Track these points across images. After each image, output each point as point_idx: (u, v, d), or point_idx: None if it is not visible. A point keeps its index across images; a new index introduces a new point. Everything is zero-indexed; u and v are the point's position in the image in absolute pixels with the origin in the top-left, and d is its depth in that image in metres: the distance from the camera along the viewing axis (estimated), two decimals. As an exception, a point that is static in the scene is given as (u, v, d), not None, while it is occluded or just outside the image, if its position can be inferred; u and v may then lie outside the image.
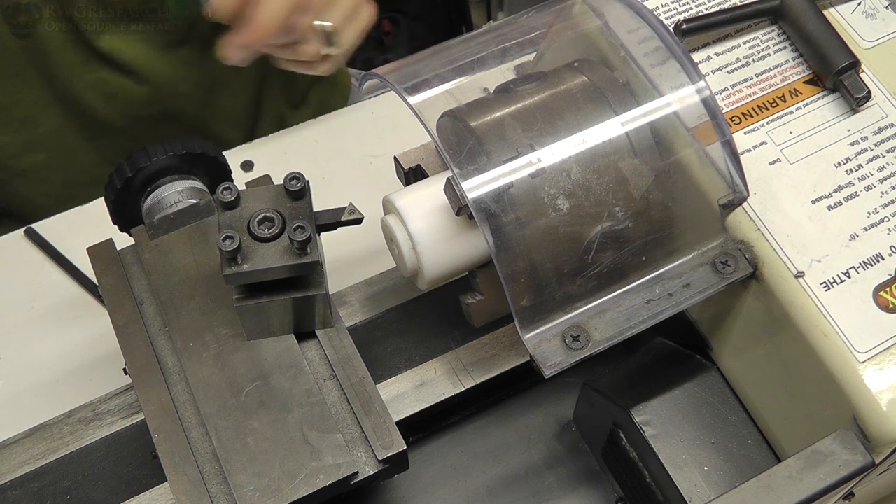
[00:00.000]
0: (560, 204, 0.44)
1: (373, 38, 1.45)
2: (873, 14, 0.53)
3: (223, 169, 0.57)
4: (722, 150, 0.46)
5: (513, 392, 0.60)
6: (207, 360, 0.49)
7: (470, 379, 0.53)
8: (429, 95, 0.46)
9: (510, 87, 0.48)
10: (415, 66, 0.50)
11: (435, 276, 0.46)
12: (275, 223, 0.47)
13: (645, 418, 0.52)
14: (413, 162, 0.52)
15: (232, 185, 0.47)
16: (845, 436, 0.45)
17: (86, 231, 0.61)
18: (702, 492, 0.50)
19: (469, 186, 0.43)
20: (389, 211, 0.47)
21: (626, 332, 0.45)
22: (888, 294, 0.46)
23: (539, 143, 0.44)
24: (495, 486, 0.58)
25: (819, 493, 0.44)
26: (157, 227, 0.53)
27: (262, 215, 0.47)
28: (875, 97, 0.50)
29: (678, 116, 0.46)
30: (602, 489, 0.58)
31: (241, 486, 0.45)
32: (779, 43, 0.52)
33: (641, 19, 0.47)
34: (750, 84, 0.51)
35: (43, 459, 0.52)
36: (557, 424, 0.60)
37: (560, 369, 0.44)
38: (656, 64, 0.47)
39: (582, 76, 0.47)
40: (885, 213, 0.47)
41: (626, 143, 0.45)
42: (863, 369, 0.44)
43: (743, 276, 0.47)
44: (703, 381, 0.53)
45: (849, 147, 0.49)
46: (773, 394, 0.50)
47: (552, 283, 0.45)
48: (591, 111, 0.46)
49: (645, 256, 0.46)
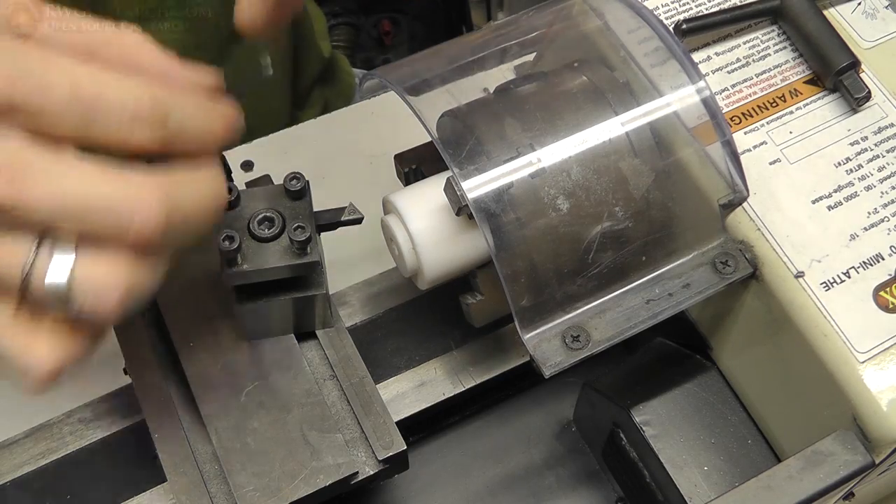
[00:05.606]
0: (560, 204, 0.44)
1: (373, 38, 1.45)
2: (873, 14, 0.53)
3: (223, 169, 0.57)
4: (722, 150, 0.46)
5: (513, 392, 0.60)
6: (207, 360, 0.49)
7: (470, 379, 0.53)
8: (429, 95, 0.46)
9: (510, 87, 0.48)
10: (415, 66, 0.50)
11: (435, 276, 0.46)
12: (275, 223, 0.47)
13: (645, 418, 0.52)
14: (413, 162, 0.52)
15: (232, 185, 0.47)
16: (845, 436, 0.45)
17: (86, 231, 0.61)
18: (702, 492, 0.50)
19: (469, 186, 0.43)
20: (389, 211, 0.47)
21: (626, 332, 0.45)
22: (888, 294, 0.46)
23: (539, 143, 0.44)
24: (495, 486, 0.58)
25: (819, 493, 0.44)
26: (157, 227, 0.53)
27: (262, 215, 0.47)
28: (875, 97, 0.50)
29: (678, 116, 0.46)
30: (602, 489, 0.58)
31: (240, 486, 0.45)
32: (779, 43, 0.53)
33: (641, 19, 0.47)
34: (750, 84, 0.51)
35: (43, 459, 0.52)
36: (557, 424, 0.60)
37: (560, 369, 0.44)
38: (656, 64, 0.47)
39: (582, 76, 0.47)
40: (885, 213, 0.47)
41: (626, 143, 0.45)
42: (863, 369, 0.44)
43: (743, 276, 0.47)
44: (703, 381, 0.53)
45: (849, 147, 0.49)
46: (773, 394, 0.50)
47: (552, 283, 0.45)
48: (591, 111, 0.46)
49: (645, 256, 0.46)
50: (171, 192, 0.34)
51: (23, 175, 0.32)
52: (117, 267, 0.33)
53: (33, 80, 0.32)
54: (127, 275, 0.34)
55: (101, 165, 0.33)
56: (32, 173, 0.32)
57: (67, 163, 0.33)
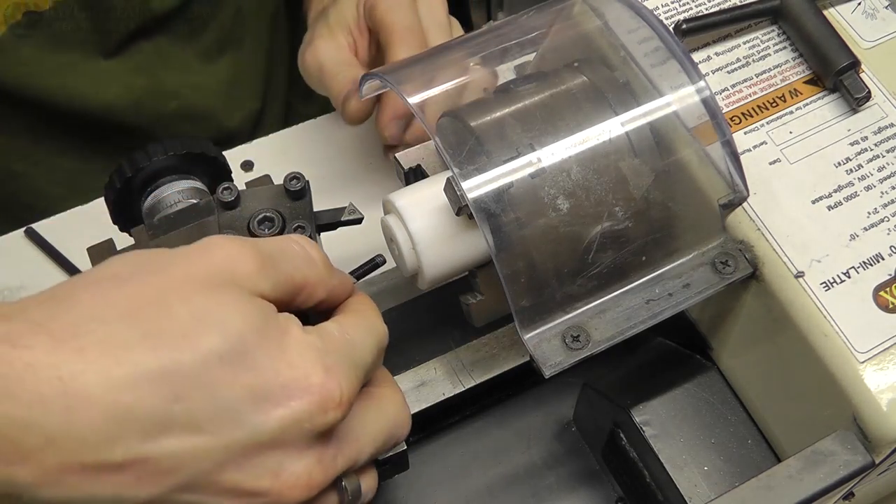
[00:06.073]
0: (560, 204, 0.44)
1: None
2: (873, 14, 0.53)
3: (223, 169, 0.57)
4: (722, 150, 0.46)
5: (513, 392, 0.60)
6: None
7: (470, 379, 0.53)
8: (429, 95, 0.46)
9: (510, 87, 0.48)
10: (415, 66, 0.50)
11: (435, 275, 0.46)
12: (275, 223, 0.47)
13: (645, 418, 0.52)
14: (413, 162, 0.52)
15: (232, 185, 0.47)
16: (845, 436, 0.45)
17: (86, 231, 0.61)
18: (702, 492, 0.50)
19: (469, 186, 0.43)
20: (389, 211, 0.47)
21: (626, 332, 0.45)
22: (888, 294, 0.46)
23: (539, 142, 0.44)
24: (495, 486, 0.58)
25: (819, 493, 0.44)
26: (158, 227, 0.53)
27: (262, 215, 0.47)
28: (875, 97, 0.50)
29: (678, 116, 0.46)
30: (602, 489, 0.58)
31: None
32: (779, 43, 0.53)
33: (641, 19, 0.47)
34: (750, 84, 0.51)
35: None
36: (557, 424, 0.60)
37: (560, 369, 0.44)
38: (656, 64, 0.47)
39: (582, 76, 0.47)
40: (885, 213, 0.47)
41: (626, 143, 0.45)
42: (863, 369, 0.44)
43: (743, 276, 0.47)
44: (703, 381, 0.53)
45: (849, 147, 0.49)
46: (773, 394, 0.50)
47: (552, 282, 0.45)
48: (591, 111, 0.46)
49: (645, 256, 0.46)
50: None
51: None
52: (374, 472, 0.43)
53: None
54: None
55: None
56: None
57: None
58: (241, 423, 0.35)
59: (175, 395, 0.34)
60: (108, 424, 0.33)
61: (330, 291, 0.42)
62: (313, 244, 0.42)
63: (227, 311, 0.36)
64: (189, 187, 0.54)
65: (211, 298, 0.36)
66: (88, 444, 0.33)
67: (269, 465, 0.36)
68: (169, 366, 0.34)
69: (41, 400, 0.32)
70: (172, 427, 0.34)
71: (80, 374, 0.33)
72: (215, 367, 0.35)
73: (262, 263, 0.38)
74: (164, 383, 0.34)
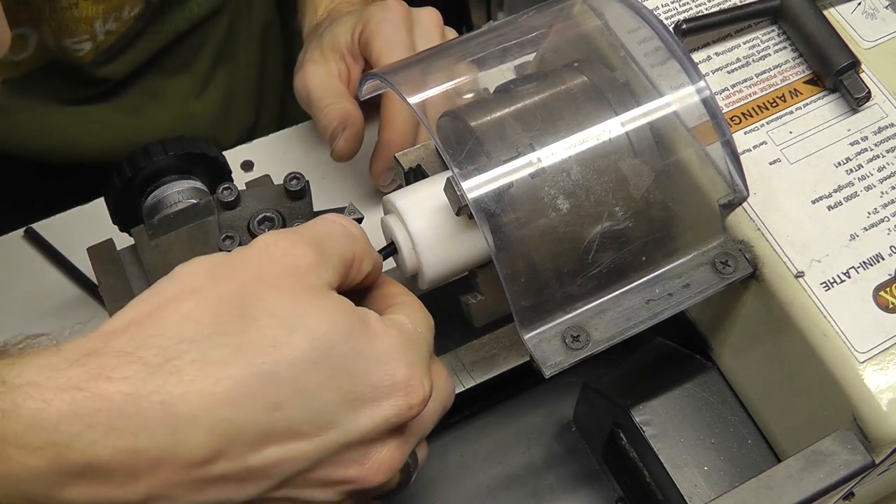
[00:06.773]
0: (560, 204, 0.44)
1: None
2: (873, 14, 0.53)
3: (223, 169, 0.57)
4: (722, 150, 0.46)
5: (513, 392, 0.60)
6: (207, 360, 0.49)
7: (470, 379, 0.53)
8: (429, 95, 0.46)
9: (510, 87, 0.48)
10: (415, 66, 0.50)
11: (435, 276, 0.46)
12: (275, 223, 0.47)
13: (645, 418, 0.52)
14: (413, 162, 0.52)
15: (232, 185, 0.47)
16: (845, 436, 0.45)
17: (86, 231, 0.61)
18: (702, 492, 0.50)
19: (469, 186, 0.43)
20: (389, 211, 0.47)
21: (626, 332, 0.45)
22: (888, 294, 0.46)
23: (539, 143, 0.44)
24: (495, 486, 0.58)
25: (819, 493, 0.44)
26: (157, 227, 0.53)
27: (262, 215, 0.47)
28: (875, 97, 0.50)
29: (678, 116, 0.46)
30: (602, 489, 0.58)
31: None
32: (779, 43, 0.53)
33: (641, 19, 0.47)
34: (750, 84, 0.51)
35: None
36: (557, 424, 0.60)
37: (560, 369, 0.44)
38: (656, 64, 0.47)
39: (582, 76, 0.47)
40: (885, 213, 0.47)
41: (626, 143, 0.45)
42: (863, 369, 0.44)
43: (743, 276, 0.47)
44: (703, 381, 0.53)
45: (849, 147, 0.49)
46: (773, 394, 0.50)
47: (552, 282, 0.45)
48: (591, 111, 0.46)
49: (645, 256, 0.46)
50: None
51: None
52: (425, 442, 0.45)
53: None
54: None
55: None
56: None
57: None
58: (335, 425, 0.37)
59: (273, 405, 0.35)
60: (214, 441, 0.34)
61: (374, 263, 0.43)
62: (348, 219, 0.43)
63: (309, 316, 0.37)
64: (189, 187, 0.54)
65: (290, 303, 0.37)
66: (195, 461, 0.34)
67: (356, 456, 0.38)
68: (265, 377, 0.35)
69: (146, 426, 0.33)
70: (272, 435, 0.35)
71: (180, 396, 0.34)
72: (308, 373, 0.36)
73: (318, 252, 0.39)
74: (263, 394, 0.35)
